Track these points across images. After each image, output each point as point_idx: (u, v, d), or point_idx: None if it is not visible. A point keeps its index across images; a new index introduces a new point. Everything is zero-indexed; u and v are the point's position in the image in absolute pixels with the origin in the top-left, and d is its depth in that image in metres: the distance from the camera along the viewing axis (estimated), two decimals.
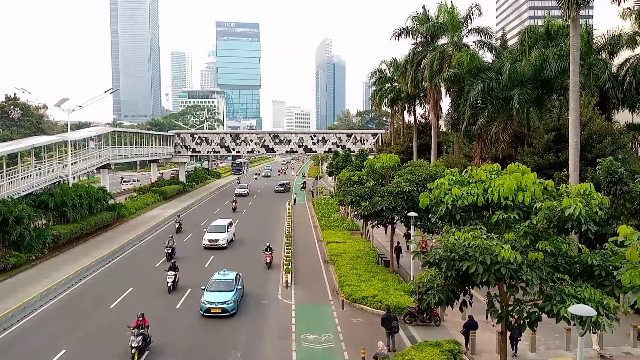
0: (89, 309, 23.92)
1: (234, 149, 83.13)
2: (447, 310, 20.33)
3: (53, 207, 36.48)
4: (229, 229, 38.85)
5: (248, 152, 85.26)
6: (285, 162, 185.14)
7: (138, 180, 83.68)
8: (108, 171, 57.87)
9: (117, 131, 65.76)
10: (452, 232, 12.83)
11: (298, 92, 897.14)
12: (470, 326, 18.64)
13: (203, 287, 23.81)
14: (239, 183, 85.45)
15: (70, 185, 42.40)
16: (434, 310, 20.16)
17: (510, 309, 13.09)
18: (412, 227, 24.44)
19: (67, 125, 50.49)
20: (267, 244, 32.47)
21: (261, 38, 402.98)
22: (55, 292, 25.74)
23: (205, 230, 39.87)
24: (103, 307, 24.11)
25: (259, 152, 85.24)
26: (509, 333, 15.45)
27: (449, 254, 12.33)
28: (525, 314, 12.63)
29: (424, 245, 29.39)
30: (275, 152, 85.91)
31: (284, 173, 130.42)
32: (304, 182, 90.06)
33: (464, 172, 15.41)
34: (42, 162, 42.90)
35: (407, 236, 37.00)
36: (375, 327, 21.05)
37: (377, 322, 21.53)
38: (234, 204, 57.84)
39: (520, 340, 17.89)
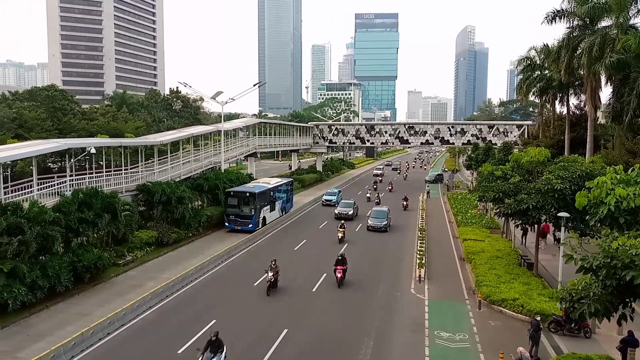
0: (237, 285, 26.10)
1: (368, 140, 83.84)
2: (602, 323, 18.38)
3: (207, 190, 40.30)
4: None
5: (382, 143, 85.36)
6: (380, 172, 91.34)
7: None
8: (254, 159, 62.30)
9: (263, 122, 70.34)
10: (615, 237, 11.52)
11: (435, 82, 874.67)
12: (629, 343, 16.65)
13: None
14: None
15: (222, 170, 46.47)
16: (585, 320, 18.46)
17: None
18: (562, 228, 22.45)
19: (219, 116, 55.33)
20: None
21: (399, 28, 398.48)
22: (208, 266, 28.56)
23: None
24: (248, 284, 26.10)
25: (392, 143, 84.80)
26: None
27: (609, 260, 11.10)
28: None
29: (544, 227, 27.14)
30: (409, 143, 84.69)
31: (377, 201, 54.30)
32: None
33: (630, 170, 13.72)
34: (199, 150, 47.68)
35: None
36: (515, 331, 19.96)
37: (517, 327, 20.43)
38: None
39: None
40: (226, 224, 38.94)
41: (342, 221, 37.51)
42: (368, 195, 59.43)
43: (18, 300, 19.86)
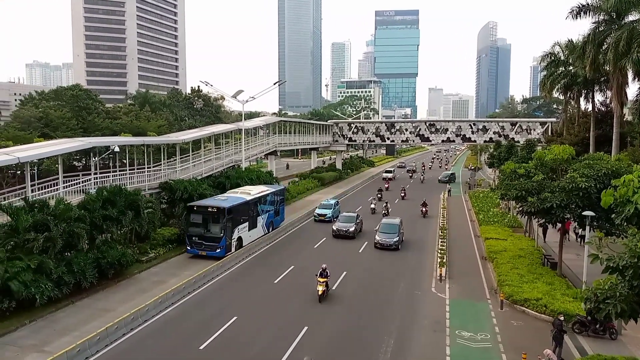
0: (256, 282, 26.27)
1: (388, 138, 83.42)
2: (628, 325, 18.00)
3: (228, 188, 40.60)
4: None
5: (402, 141, 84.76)
6: (390, 175, 78.96)
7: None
8: (274, 157, 62.63)
9: (283, 121, 70.67)
10: None
11: (456, 79, 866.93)
12: None
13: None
14: None
15: (243, 169, 46.81)
16: (611, 321, 18.11)
17: None
18: (587, 227, 22.02)
19: (240, 115, 55.75)
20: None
21: (420, 25, 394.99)
22: (229, 263, 28.81)
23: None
24: (268, 282, 26.25)
25: (413, 141, 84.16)
26: None
27: (636, 260, 10.87)
28: None
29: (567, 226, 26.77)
30: (430, 141, 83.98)
31: (385, 212, 46.07)
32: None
33: None
34: (220, 148, 48.12)
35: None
36: (538, 332, 19.68)
37: (540, 327, 20.15)
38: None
39: None
40: (188, 247, 30.63)
41: (324, 266, 23.66)
42: (372, 206, 48.70)
43: (45, 296, 20.33)
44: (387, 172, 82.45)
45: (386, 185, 66.91)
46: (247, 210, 33.64)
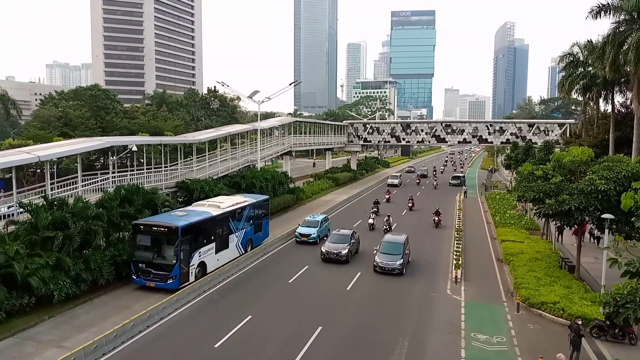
0: (270, 282, 26.35)
1: (404, 139, 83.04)
2: None
3: (244, 188, 40.86)
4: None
5: (418, 142, 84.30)
6: (396, 181, 71.21)
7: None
8: (290, 157, 62.78)
9: (298, 121, 70.84)
10: None
11: (473, 80, 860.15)
12: None
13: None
14: None
15: (259, 168, 47.02)
16: (630, 326, 17.80)
17: None
18: (606, 231, 21.67)
19: (255, 115, 56.00)
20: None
21: (436, 25, 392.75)
22: (244, 262, 28.96)
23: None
24: (282, 282, 26.31)
25: (429, 142, 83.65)
26: None
27: None
28: None
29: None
30: (446, 142, 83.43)
31: (386, 227, 38.55)
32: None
33: None
34: (235, 148, 48.42)
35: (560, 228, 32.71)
36: (555, 336, 19.43)
37: (557, 331, 19.90)
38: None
39: None
40: (133, 277, 24.15)
41: None
42: (371, 221, 41.16)
43: (63, 292, 20.66)
44: (392, 177, 73.33)
45: (387, 196, 55.84)
46: (214, 228, 27.21)
